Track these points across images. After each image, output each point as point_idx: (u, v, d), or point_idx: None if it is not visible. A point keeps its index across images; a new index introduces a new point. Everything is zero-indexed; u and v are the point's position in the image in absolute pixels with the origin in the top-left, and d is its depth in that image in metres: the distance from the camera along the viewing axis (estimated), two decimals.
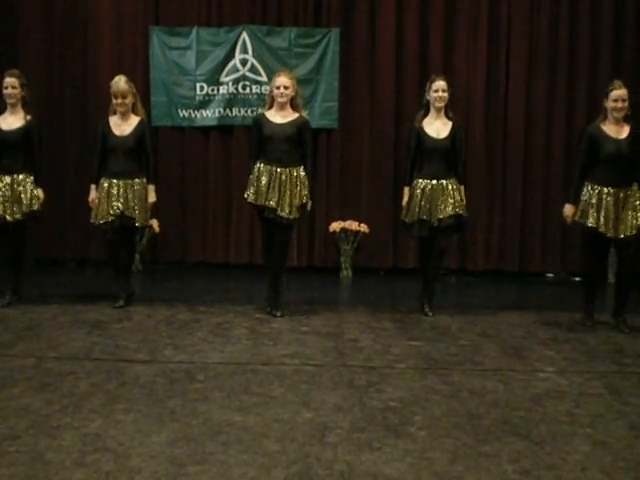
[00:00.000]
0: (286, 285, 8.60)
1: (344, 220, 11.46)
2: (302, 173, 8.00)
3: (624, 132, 7.79)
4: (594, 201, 7.72)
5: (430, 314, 8.24)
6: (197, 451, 4.35)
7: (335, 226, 11.42)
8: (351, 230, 11.40)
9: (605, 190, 7.70)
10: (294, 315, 8.16)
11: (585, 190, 7.82)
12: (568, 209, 7.97)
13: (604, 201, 7.69)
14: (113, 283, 8.58)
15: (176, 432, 4.65)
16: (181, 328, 7.57)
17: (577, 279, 11.43)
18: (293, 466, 4.16)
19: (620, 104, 7.75)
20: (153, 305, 8.62)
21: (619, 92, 7.76)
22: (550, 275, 11.73)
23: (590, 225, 7.73)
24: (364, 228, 11.40)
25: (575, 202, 7.89)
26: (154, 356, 6.48)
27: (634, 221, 7.71)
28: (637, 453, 4.46)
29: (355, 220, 11.45)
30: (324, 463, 4.21)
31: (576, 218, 7.86)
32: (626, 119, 7.86)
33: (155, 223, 10.87)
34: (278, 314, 8.03)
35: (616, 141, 7.74)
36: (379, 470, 4.14)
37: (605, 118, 7.86)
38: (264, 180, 7.90)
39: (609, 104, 7.80)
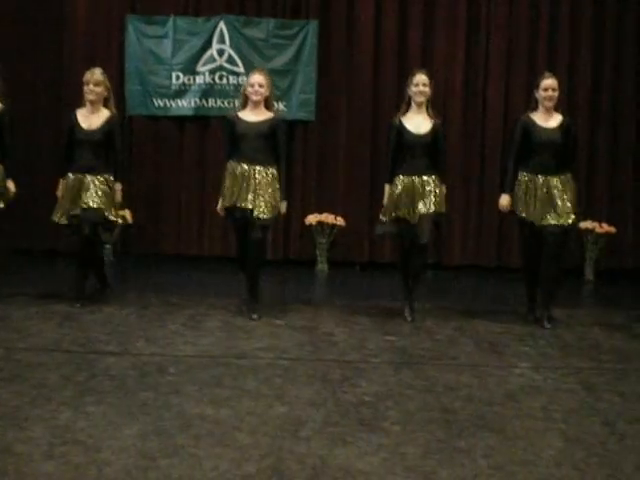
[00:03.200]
0: (262, 285, 8.44)
1: (320, 213, 11.41)
2: (275, 172, 7.81)
3: (555, 121, 7.87)
4: (524, 190, 7.81)
5: (410, 319, 7.87)
6: (168, 444, 4.31)
7: (311, 219, 11.37)
8: (327, 223, 11.35)
9: (537, 178, 7.77)
10: (269, 309, 8.10)
11: (518, 179, 7.89)
12: (504, 199, 7.95)
13: (537, 190, 7.75)
14: (78, 279, 8.29)
15: (147, 425, 4.61)
16: (153, 320, 7.51)
17: None
18: (265, 460, 4.13)
19: (550, 93, 7.83)
20: (125, 297, 8.55)
21: (549, 82, 7.85)
22: None
23: (521, 214, 7.84)
24: (340, 221, 11.37)
25: (511, 192, 7.92)
26: (125, 348, 6.43)
27: (565, 210, 7.70)
28: (611, 449, 4.45)
29: (331, 213, 11.41)
30: (297, 457, 4.18)
31: (511, 208, 7.92)
32: (557, 108, 7.95)
33: (128, 214, 10.76)
34: (255, 317, 7.75)
35: (547, 130, 7.81)
36: (352, 464, 4.11)
37: (536, 108, 7.94)
38: (237, 183, 7.70)
39: (540, 94, 7.87)
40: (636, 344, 7.22)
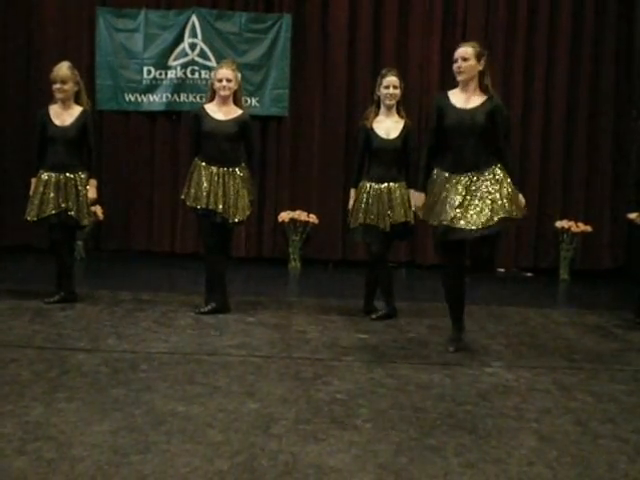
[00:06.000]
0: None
1: (293, 210, 11.41)
2: (245, 173, 7.79)
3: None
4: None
5: (374, 317, 7.83)
6: (140, 440, 4.29)
7: (284, 216, 11.37)
8: (300, 221, 11.36)
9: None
10: (241, 306, 8.09)
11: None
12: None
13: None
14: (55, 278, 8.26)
15: (119, 421, 4.59)
16: (125, 317, 7.49)
17: (528, 274, 11.53)
18: (237, 456, 4.11)
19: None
20: (96, 293, 8.52)
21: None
22: (501, 270, 11.77)
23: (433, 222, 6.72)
24: (313, 219, 11.38)
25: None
26: (97, 345, 6.40)
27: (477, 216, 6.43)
28: (583, 449, 4.46)
29: (304, 211, 11.40)
30: (268, 454, 4.17)
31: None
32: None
33: (99, 210, 10.70)
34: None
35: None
36: (324, 461, 4.10)
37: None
38: (205, 184, 7.62)
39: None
40: (610, 344, 7.24)
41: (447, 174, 6.43)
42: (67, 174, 7.88)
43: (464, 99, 6.51)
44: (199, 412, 4.82)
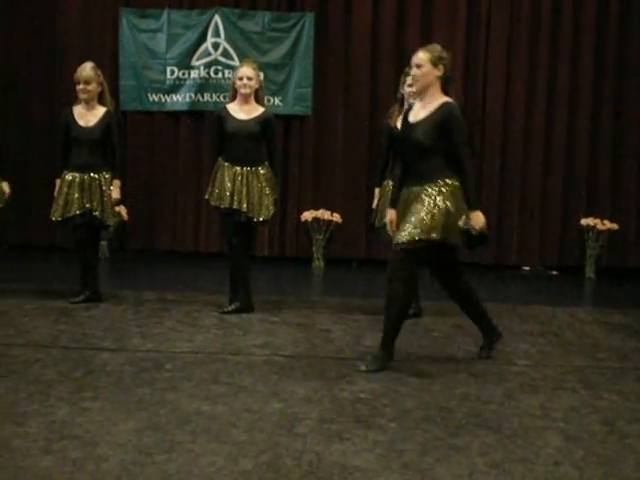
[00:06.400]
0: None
1: (316, 209, 11.39)
2: (268, 172, 7.79)
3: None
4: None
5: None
6: (165, 440, 4.29)
7: (307, 215, 11.36)
8: (323, 220, 11.35)
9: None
10: (264, 305, 8.08)
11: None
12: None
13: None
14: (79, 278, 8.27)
15: (144, 421, 4.59)
16: (149, 317, 7.51)
17: (554, 273, 11.47)
18: (261, 456, 4.10)
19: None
20: (121, 293, 8.55)
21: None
22: (526, 268, 11.72)
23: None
24: (337, 218, 11.36)
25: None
26: (122, 344, 6.42)
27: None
28: (610, 448, 4.43)
29: (328, 209, 11.39)
30: (293, 453, 4.16)
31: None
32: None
33: (123, 210, 10.72)
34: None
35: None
36: (348, 461, 4.09)
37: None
38: (228, 184, 7.63)
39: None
40: (636, 343, 7.19)
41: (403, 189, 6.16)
42: (91, 174, 7.90)
43: (418, 110, 6.11)
44: (223, 411, 4.82)
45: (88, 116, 7.97)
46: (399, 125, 7.57)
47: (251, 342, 6.66)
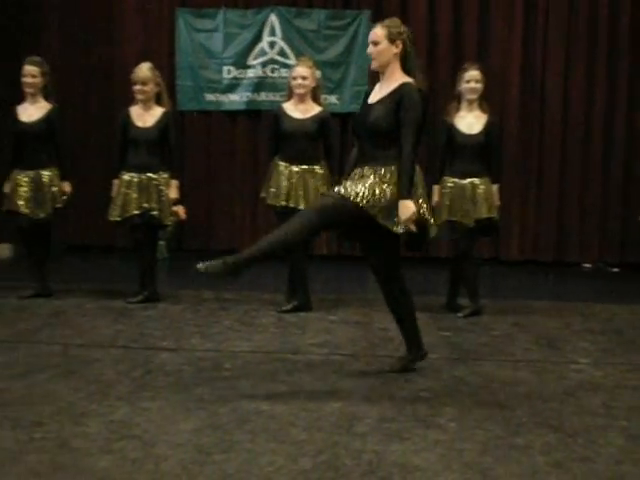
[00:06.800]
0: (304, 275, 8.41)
1: None
2: (324, 170, 7.79)
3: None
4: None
5: (461, 315, 7.77)
6: (224, 439, 4.29)
7: None
8: None
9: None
10: (322, 304, 8.08)
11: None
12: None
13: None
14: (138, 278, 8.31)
15: (203, 420, 4.60)
16: (208, 316, 7.54)
17: (615, 270, 11.32)
18: (320, 455, 4.09)
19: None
20: (179, 293, 8.59)
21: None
22: (587, 265, 11.58)
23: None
24: None
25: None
26: (180, 344, 6.45)
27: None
28: None
29: None
30: (352, 453, 4.14)
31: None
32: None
33: (181, 209, 10.72)
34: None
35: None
36: (408, 460, 4.06)
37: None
38: (284, 183, 7.67)
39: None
40: None
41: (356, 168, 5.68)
42: (149, 175, 7.93)
43: (377, 90, 5.72)
44: (282, 411, 4.82)
45: (145, 117, 8.00)
46: (457, 122, 7.64)
47: (309, 341, 6.66)
